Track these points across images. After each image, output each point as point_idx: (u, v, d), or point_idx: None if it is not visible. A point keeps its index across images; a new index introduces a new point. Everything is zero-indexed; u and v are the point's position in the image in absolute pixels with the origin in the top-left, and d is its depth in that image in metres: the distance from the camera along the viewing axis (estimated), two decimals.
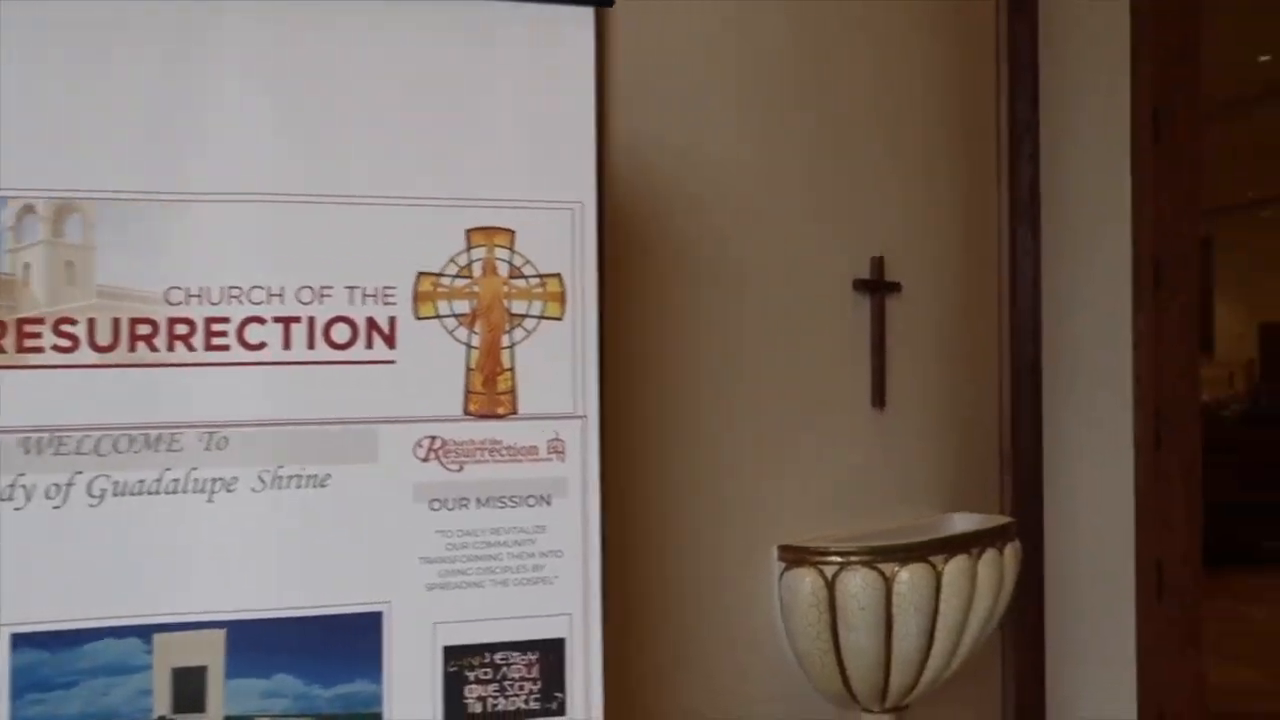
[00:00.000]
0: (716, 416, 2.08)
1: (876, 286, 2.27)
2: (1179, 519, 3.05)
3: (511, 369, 1.34)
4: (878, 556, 1.96)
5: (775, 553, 2.07)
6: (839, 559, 1.98)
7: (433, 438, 1.31)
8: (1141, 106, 3.05)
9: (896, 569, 1.97)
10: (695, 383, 2.07)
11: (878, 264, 2.29)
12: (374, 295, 1.30)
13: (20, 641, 1.17)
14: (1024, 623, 3.08)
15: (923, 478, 2.41)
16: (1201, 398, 8.83)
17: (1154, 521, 3.04)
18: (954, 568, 2.01)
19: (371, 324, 1.30)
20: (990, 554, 2.11)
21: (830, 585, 1.97)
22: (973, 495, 2.59)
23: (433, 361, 1.31)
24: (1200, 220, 3.08)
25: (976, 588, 2.04)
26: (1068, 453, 3.10)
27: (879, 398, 2.26)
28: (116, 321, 1.21)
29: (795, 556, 2.02)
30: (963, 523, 2.29)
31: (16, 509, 1.17)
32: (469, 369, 1.32)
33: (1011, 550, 2.17)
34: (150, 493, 1.21)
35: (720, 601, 2.07)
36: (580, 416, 1.36)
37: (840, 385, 2.26)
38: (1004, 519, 2.29)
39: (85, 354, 1.20)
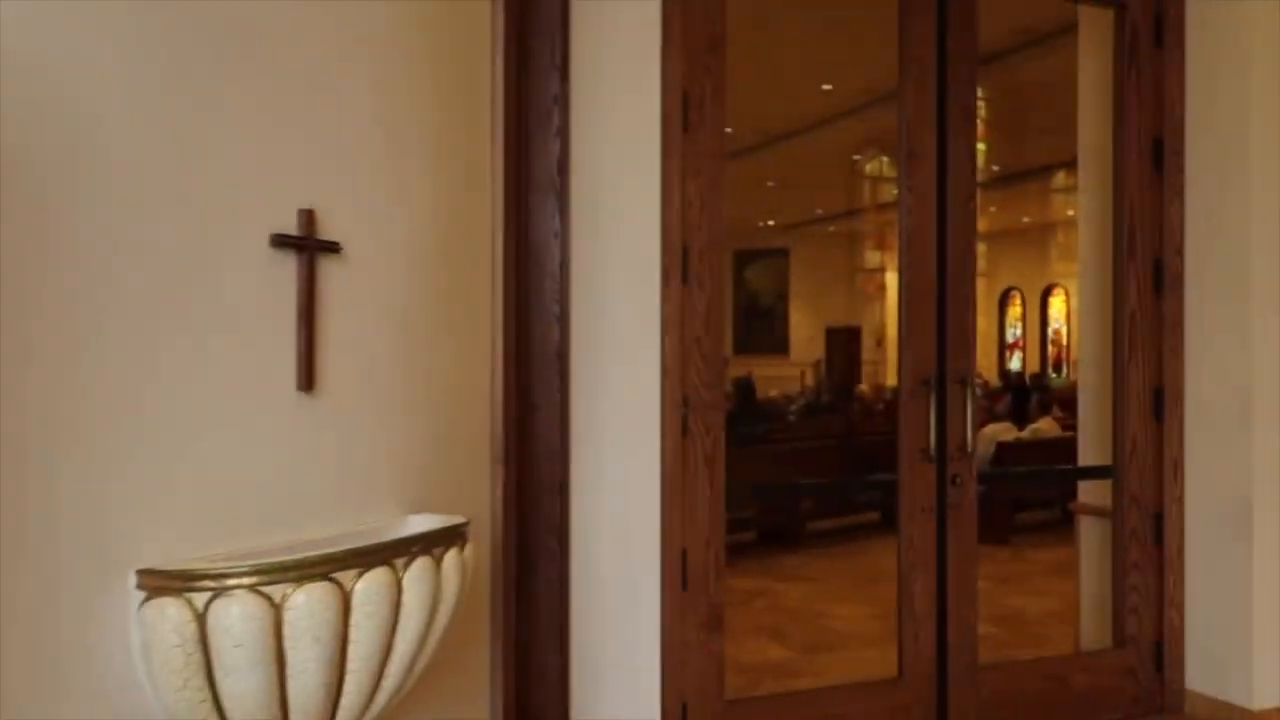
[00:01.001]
0: (54, 404, 1.55)
1: (304, 245, 1.87)
2: (703, 506, 3.03)
3: None
4: (265, 577, 1.54)
5: (133, 579, 1.57)
6: (211, 584, 1.53)
7: None
8: (671, 93, 2.99)
9: (290, 591, 1.56)
10: (19, 361, 1.52)
11: (307, 218, 1.88)
12: None
13: None
14: (541, 623, 2.92)
15: (373, 474, 2.03)
16: (771, 394, 9.58)
17: (680, 510, 2.99)
18: (369, 585, 1.65)
19: None
20: (422, 564, 1.77)
21: (201, 618, 1.53)
22: (453, 492, 2.28)
23: None
24: (723, 209, 3.08)
25: (402, 605, 1.70)
26: (594, 442, 2.96)
27: (307, 379, 1.86)
28: None
29: (157, 583, 1.54)
30: (421, 525, 1.94)
31: None
32: None
33: (455, 557, 1.87)
34: None
35: (56, 643, 1.54)
36: None
37: (250, 364, 1.81)
38: (456, 520, 1.97)
39: None
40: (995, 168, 10.54)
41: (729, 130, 3.12)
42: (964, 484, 3.31)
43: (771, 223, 13.78)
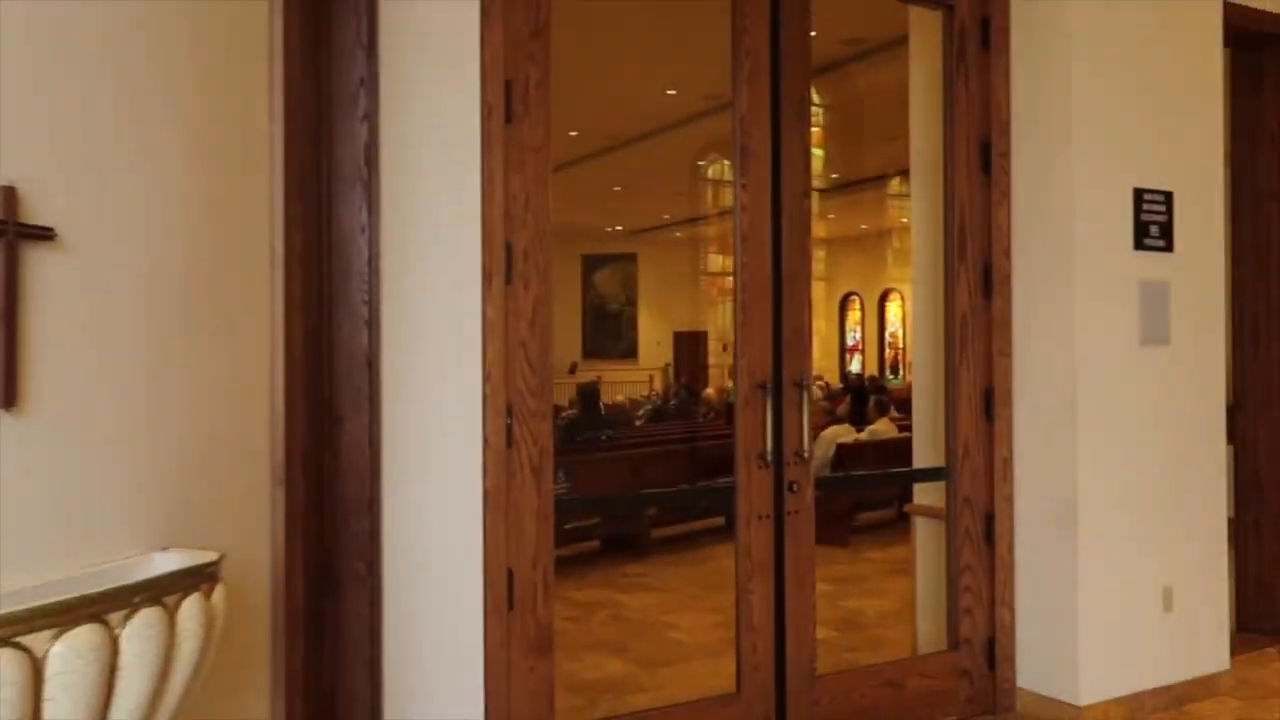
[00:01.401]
0: None
1: (2, 229, 1.54)
2: (530, 522, 2.81)
3: None
4: None
5: None
6: None
7: None
8: (492, 81, 2.77)
9: None
10: None
11: (5, 196, 1.56)
12: None
13: None
14: (349, 656, 2.64)
15: (106, 504, 1.71)
16: (618, 398, 9.46)
17: (504, 526, 2.77)
18: (69, 648, 1.32)
19: None
20: (148, 616, 1.44)
21: None
22: (224, 522, 1.97)
23: None
24: (550, 205, 2.88)
25: (119, 669, 1.40)
26: (409, 456, 2.70)
27: (6, 393, 1.54)
28: None
29: None
30: (169, 564, 1.62)
31: None
32: None
33: (197, 603, 1.54)
34: None
35: None
36: None
37: None
38: (203, 558, 1.66)
39: None
40: (834, 175, 10.76)
41: (574, 134, 2.93)
42: (801, 490, 3.21)
43: (620, 227, 13.71)
